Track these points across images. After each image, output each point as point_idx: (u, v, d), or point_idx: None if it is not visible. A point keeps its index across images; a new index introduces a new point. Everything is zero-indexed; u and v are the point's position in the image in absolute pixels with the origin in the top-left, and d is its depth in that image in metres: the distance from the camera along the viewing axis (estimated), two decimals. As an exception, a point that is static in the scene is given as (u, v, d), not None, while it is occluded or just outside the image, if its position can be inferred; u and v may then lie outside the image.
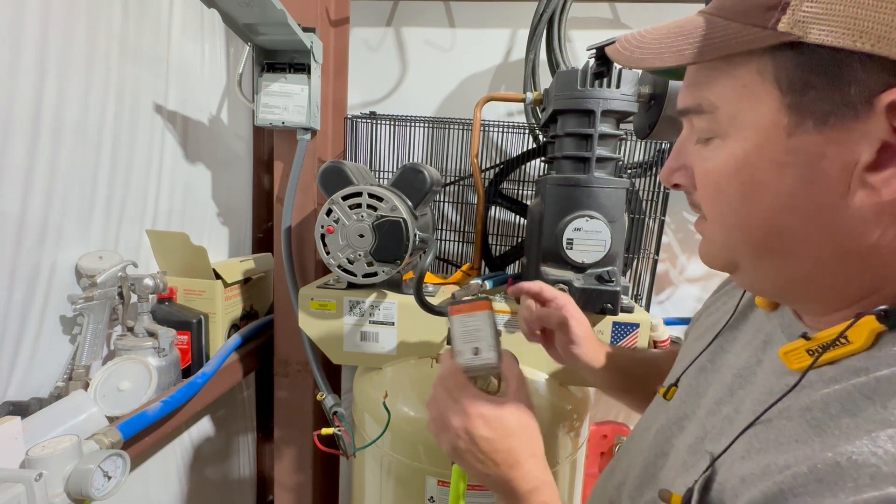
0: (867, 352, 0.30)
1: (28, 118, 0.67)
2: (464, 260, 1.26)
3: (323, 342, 0.88)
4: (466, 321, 0.56)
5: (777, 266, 0.34)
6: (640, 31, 0.36)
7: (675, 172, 0.39)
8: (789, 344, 0.34)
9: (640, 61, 0.34)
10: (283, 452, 1.17)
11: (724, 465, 0.33)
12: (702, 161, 0.35)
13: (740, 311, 0.47)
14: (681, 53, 0.32)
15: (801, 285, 0.34)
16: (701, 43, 0.31)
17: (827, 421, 0.29)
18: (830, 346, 0.31)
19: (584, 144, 0.80)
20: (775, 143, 0.30)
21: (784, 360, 0.34)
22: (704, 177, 0.35)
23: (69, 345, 0.77)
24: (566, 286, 0.77)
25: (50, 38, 0.69)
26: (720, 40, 0.30)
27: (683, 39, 0.32)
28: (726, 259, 0.37)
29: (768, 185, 0.31)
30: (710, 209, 0.36)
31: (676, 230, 1.29)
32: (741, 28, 0.29)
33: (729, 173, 0.33)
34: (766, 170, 0.31)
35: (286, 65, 0.97)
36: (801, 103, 0.29)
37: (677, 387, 0.47)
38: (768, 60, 0.29)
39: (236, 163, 1.24)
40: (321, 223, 0.80)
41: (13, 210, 0.66)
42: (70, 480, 0.57)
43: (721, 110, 0.33)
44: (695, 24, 0.32)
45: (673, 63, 0.32)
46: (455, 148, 1.20)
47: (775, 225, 0.32)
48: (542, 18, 1.06)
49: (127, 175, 0.86)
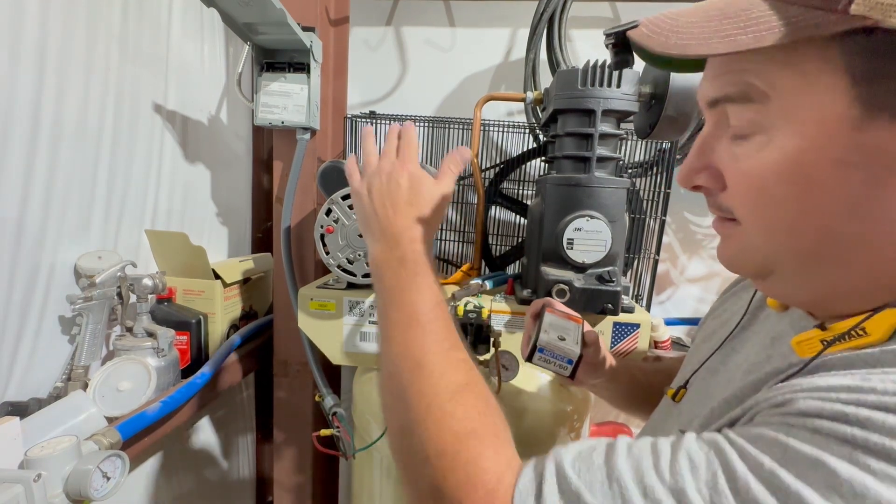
0: (882, 345, 0.28)
1: (27, 118, 0.67)
2: (464, 260, 1.26)
3: (322, 342, 0.88)
4: (558, 321, 0.61)
5: (822, 276, 0.31)
6: (669, 13, 0.31)
7: (699, 173, 0.35)
8: (803, 333, 0.33)
9: (680, 47, 0.29)
10: (283, 453, 1.16)
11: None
12: (736, 160, 0.32)
13: (751, 311, 0.46)
14: (733, 39, 0.27)
15: (839, 296, 0.32)
16: (756, 28, 0.27)
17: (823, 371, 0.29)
18: (846, 335, 0.29)
19: (585, 144, 0.80)
20: (840, 139, 0.27)
21: (796, 349, 0.33)
22: (742, 177, 0.32)
23: (68, 345, 0.77)
24: (566, 286, 0.77)
25: (49, 38, 0.69)
26: (781, 25, 0.26)
27: (730, 23, 0.28)
28: (761, 266, 0.34)
29: (829, 186, 0.28)
30: (749, 213, 0.32)
31: (677, 230, 1.29)
32: (802, 11, 0.26)
33: (779, 173, 0.29)
34: (826, 169, 0.28)
35: (286, 64, 0.96)
36: (874, 95, 0.26)
37: (686, 389, 0.47)
38: (836, 47, 0.26)
39: (236, 162, 1.24)
40: (321, 223, 0.80)
41: (12, 210, 0.66)
42: (69, 481, 0.57)
43: (773, 101, 0.29)
44: (741, 6, 0.29)
45: (723, 50, 0.28)
46: (455, 147, 1.19)
47: (833, 232, 0.29)
48: (543, 18, 1.06)
49: (126, 175, 0.86)
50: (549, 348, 0.57)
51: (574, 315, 0.64)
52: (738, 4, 0.29)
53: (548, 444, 0.81)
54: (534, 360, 0.58)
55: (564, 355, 0.56)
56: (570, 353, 0.56)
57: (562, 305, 0.67)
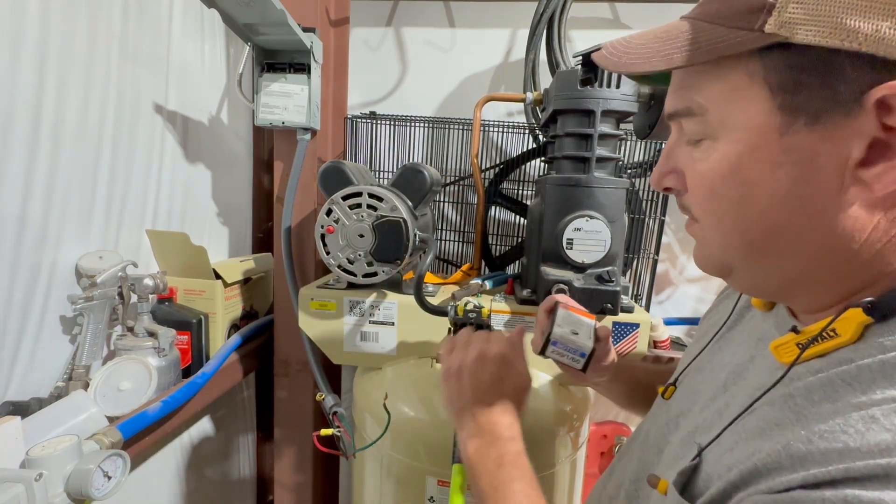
0: (854, 344, 0.30)
1: (28, 118, 0.67)
2: (464, 260, 1.26)
3: (323, 342, 0.88)
4: (572, 317, 0.61)
5: (773, 266, 0.34)
6: (626, 38, 0.36)
7: (666, 176, 0.39)
8: (780, 338, 0.35)
9: (628, 66, 0.34)
10: (283, 452, 1.16)
11: (711, 453, 0.34)
12: (692, 163, 0.35)
13: (737, 311, 0.48)
14: (669, 57, 0.32)
15: (797, 284, 0.34)
16: (689, 47, 0.31)
17: (808, 407, 0.29)
18: (817, 338, 0.31)
19: (584, 144, 0.80)
20: (768, 142, 0.30)
21: (774, 353, 0.35)
22: (697, 178, 0.35)
23: (69, 345, 0.77)
24: (566, 286, 0.77)
25: (50, 39, 0.69)
26: (707, 44, 0.30)
27: (671, 44, 0.32)
28: (721, 262, 0.37)
29: (763, 184, 0.31)
30: (703, 211, 0.36)
31: (676, 230, 1.29)
32: (727, 32, 0.30)
33: (723, 174, 0.33)
34: (760, 170, 0.31)
35: (286, 65, 0.97)
36: (792, 102, 0.29)
37: (675, 387, 0.48)
38: (757, 62, 0.30)
39: (236, 163, 1.24)
40: (321, 223, 0.80)
41: (13, 210, 0.66)
42: (70, 480, 0.57)
43: (711, 112, 0.33)
44: (680, 29, 0.33)
45: (661, 67, 0.32)
46: (455, 148, 1.20)
47: (772, 224, 0.32)
48: (542, 18, 1.06)
49: (127, 175, 0.86)
50: (563, 341, 0.57)
51: (586, 312, 0.65)
52: (679, 27, 0.33)
53: (548, 444, 0.81)
54: (547, 353, 0.59)
55: (577, 348, 0.57)
56: (584, 347, 0.57)
57: (574, 303, 0.68)
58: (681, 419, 0.43)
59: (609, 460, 0.76)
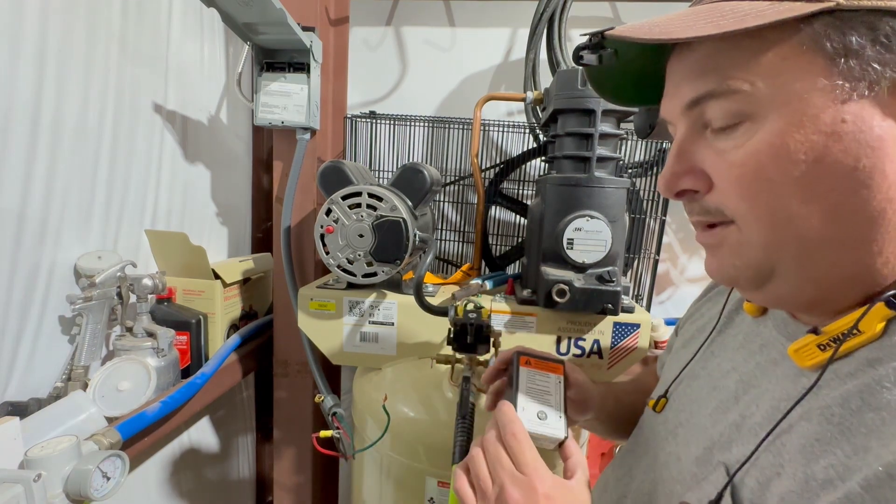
0: (878, 341, 0.29)
1: (27, 118, 0.67)
2: (464, 260, 1.26)
3: (322, 342, 0.88)
4: (536, 378, 0.52)
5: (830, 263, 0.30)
6: (641, 22, 0.33)
7: (682, 178, 0.34)
8: (799, 340, 0.33)
9: (667, 33, 0.30)
10: (283, 453, 1.16)
11: (749, 477, 0.31)
12: (721, 154, 0.32)
13: (726, 316, 0.46)
14: (716, 24, 0.29)
15: (841, 286, 0.31)
16: (733, 16, 0.29)
17: (849, 417, 0.28)
18: (847, 336, 0.29)
19: (585, 144, 0.80)
20: (827, 112, 0.28)
21: (794, 357, 0.33)
22: (733, 170, 0.31)
23: (68, 345, 0.77)
24: (566, 286, 0.77)
25: (49, 38, 0.69)
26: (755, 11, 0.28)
27: (712, 14, 0.30)
28: (762, 265, 0.32)
29: (827, 160, 0.28)
30: (745, 204, 0.31)
31: (677, 230, 1.29)
32: (770, 4, 0.28)
33: (772, 154, 0.29)
34: (819, 142, 0.28)
35: (286, 64, 0.96)
36: (849, 68, 0.27)
37: (667, 398, 0.46)
38: (807, 29, 0.28)
39: (235, 162, 1.24)
40: (321, 223, 0.80)
41: (12, 210, 0.66)
42: (69, 481, 0.57)
43: (757, 87, 0.29)
44: (710, 5, 0.31)
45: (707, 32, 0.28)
46: (455, 147, 1.20)
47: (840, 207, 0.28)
48: (543, 18, 1.06)
49: (126, 175, 0.86)
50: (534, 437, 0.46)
51: (552, 361, 0.55)
52: (708, 5, 0.31)
53: (548, 444, 0.81)
54: None
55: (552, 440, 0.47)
56: (555, 435, 0.47)
57: (535, 350, 0.57)
58: (679, 430, 0.42)
59: (609, 460, 0.76)
